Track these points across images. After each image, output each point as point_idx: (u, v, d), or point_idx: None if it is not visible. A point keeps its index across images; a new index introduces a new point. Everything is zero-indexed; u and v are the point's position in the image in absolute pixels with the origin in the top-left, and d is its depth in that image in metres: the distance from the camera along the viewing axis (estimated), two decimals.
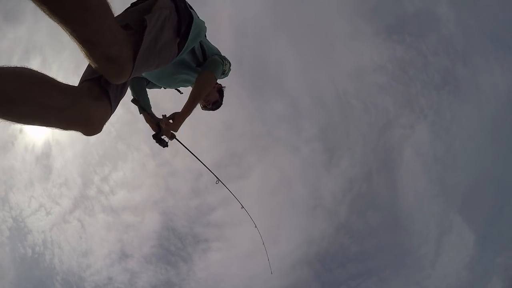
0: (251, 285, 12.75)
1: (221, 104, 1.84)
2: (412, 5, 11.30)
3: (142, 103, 1.58)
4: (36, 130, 11.31)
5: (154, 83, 1.61)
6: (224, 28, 11.48)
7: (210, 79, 1.42)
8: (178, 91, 1.68)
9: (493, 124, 11.66)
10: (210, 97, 1.75)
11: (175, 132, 1.46)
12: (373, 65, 11.85)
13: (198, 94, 1.41)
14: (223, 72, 1.49)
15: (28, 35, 11.38)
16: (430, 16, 11.33)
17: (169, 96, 1.63)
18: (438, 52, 11.65)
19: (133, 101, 1.57)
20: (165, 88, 1.68)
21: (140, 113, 1.62)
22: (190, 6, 1.22)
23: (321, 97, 12.51)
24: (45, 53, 11.53)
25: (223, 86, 1.81)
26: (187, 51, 1.27)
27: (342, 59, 12.20)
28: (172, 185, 12.88)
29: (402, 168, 12.30)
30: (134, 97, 1.58)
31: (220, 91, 1.80)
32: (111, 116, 0.97)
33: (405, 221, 12.26)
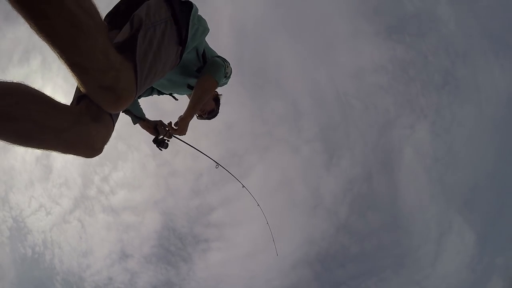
0: (251, 285, 12.76)
1: (218, 113, 1.74)
2: (412, 5, 11.31)
3: (135, 113, 1.53)
4: None
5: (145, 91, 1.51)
6: (224, 28, 11.49)
7: (212, 83, 1.33)
8: (173, 98, 1.59)
9: (493, 124, 11.66)
10: (206, 106, 1.66)
11: (184, 135, 1.44)
12: (373, 65, 11.86)
13: (199, 99, 1.32)
14: (225, 75, 1.40)
15: (28, 35, 11.36)
16: (430, 16, 11.34)
17: (168, 97, 1.60)
18: (438, 52, 11.66)
19: (126, 113, 1.52)
20: (159, 95, 1.59)
21: (135, 124, 1.55)
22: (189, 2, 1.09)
23: (321, 97, 12.52)
24: (45, 53, 11.52)
25: (220, 94, 1.72)
26: (187, 52, 1.18)
27: (342, 59, 12.21)
28: (172, 185, 12.89)
29: (402, 168, 12.31)
30: (127, 110, 1.50)
31: (217, 100, 1.70)
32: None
33: (405, 221, 12.26)
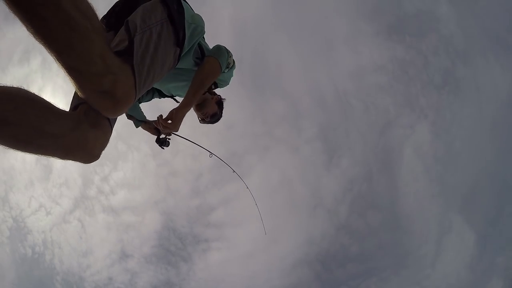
0: (251, 285, 12.76)
1: (220, 117, 1.68)
2: (412, 5, 11.31)
3: (137, 117, 1.53)
4: None
5: (145, 96, 1.51)
6: (224, 28, 11.49)
7: (216, 66, 1.22)
8: (175, 100, 1.55)
9: (493, 124, 11.66)
10: (208, 110, 1.60)
11: (176, 132, 1.29)
12: (373, 65, 11.86)
13: (201, 84, 1.19)
14: (228, 65, 1.31)
15: (28, 35, 11.34)
16: (430, 16, 11.34)
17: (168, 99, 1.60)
18: (438, 52, 11.66)
19: (128, 117, 1.53)
20: (160, 98, 1.56)
21: (137, 127, 1.56)
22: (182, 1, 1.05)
23: (321, 97, 12.52)
24: (45, 53, 11.45)
25: (223, 98, 1.66)
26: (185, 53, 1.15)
27: (342, 59, 12.20)
28: (173, 185, 12.89)
29: (402, 168, 12.31)
30: (128, 114, 1.50)
31: (220, 103, 1.63)
32: None
33: (405, 221, 12.26)
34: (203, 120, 1.66)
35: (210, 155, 1.92)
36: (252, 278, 12.64)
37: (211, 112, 1.62)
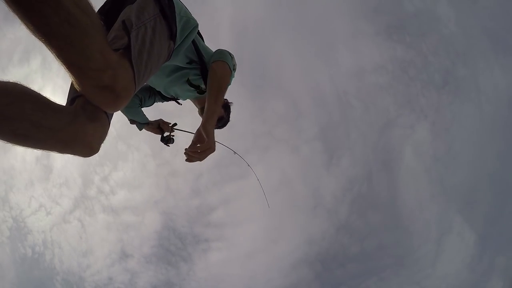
0: (252, 285, 12.76)
1: (228, 121, 1.63)
2: (412, 5, 11.29)
3: (140, 121, 1.53)
4: None
5: (147, 101, 1.50)
6: (224, 28, 11.49)
7: (226, 68, 1.18)
8: (177, 103, 1.53)
9: (493, 124, 11.65)
10: None
11: (215, 150, 1.15)
12: (374, 65, 11.85)
13: (219, 88, 1.14)
14: (234, 67, 1.28)
15: (28, 35, 11.32)
16: (430, 16, 11.33)
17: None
18: (438, 52, 11.64)
19: (132, 122, 1.54)
20: (163, 102, 1.55)
21: (141, 130, 1.56)
22: None
23: (321, 97, 12.51)
24: (45, 53, 11.51)
25: (230, 102, 1.63)
26: (179, 49, 1.14)
27: (342, 59, 12.19)
28: (173, 185, 12.88)
29: (402, 168, 12.30)
30: (130, 119, 1.51)
31: (226, 106, 1.58)
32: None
33: (405, 221, 12.26)
34: None
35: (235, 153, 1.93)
36: (252, 278, 12.65)
37: (218, 116, 1.56)
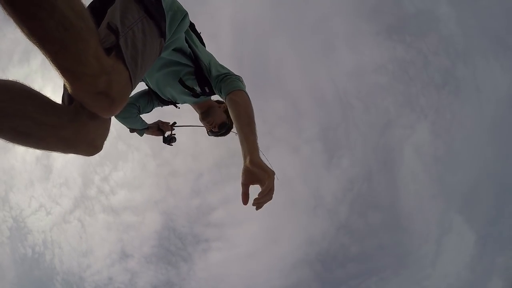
0: (252, 285, 12.77)
1: (231, 127, 1.57)
2: (412, 5, 11.30)
3: (140, 128, 1.53)
4: None
5: (146, 107, 1.48)
6: (224, 28, 11.49)
7: (246, 97, 1.11)
8: (175, 106, 1.49)
9: (493, 124, 11.65)
10: (215, 118, 1.50)
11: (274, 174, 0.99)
12: (374, 65, 11.85)
13: (247, 116, 1.04)
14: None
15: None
16: (430, 16, 11.34)
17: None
18: (438, 52, 11.65)
19: (131, 131, 1.53)
20: (162, 106, 1.52)
21: (141, 135, 1.56)
22: None
23: (321, 97, 12.51)
24: None
25: None
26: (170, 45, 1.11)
27: (342, 59, 12.19)
28: (173, 185, 12.89)
29: (402, 168, 12.30)
30: (130, 128, 1.51)
31: (228, 111, 1.43)
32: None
33: (405, 221, 12.26)
34: (211, 132, 1.56)
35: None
36: (252, 278, 12.65)
37: (219, 122, 1.52)
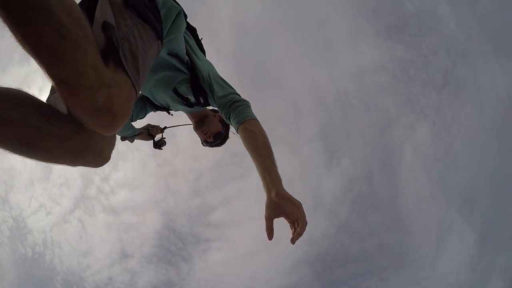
0: (252, 285, 12.77)
1: (227, 138, 1.56)
2: (412, 5, 11.31)
3: (131, 135, 1.54)
4: None
5: (139, 113, 1.49)
6: (224, 28, 11.49)
7: (259, 125, 1.12)
8: (168, 113, 1.47)
9: (493, 124, 11.65)
10: (210, 128, 1.48)
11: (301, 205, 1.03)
12: (374, 65, 11.85)
13: (265, 146, 1.06)
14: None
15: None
16: (430, 16, 11.34)
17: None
18: (438, 52, 11.65)
19: (123, 139, 1.56)
20: (155, 111, 1.50)
21: (132, 142, 1.58)
22: None
23: (321, 97, 12.51)
24: None
25: None
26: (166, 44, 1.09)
27: (342, 59, 12.19)
28: (173, 185, 12.88)
29: (402, 168, 12.30)
30: (122, 137, 1.53)
31: (223, 121, 1.45)
32: None
33: (405, 221, 12.25)
34: (206, 142, 1.52)
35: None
36: (252, 278, 12.65)
37: (214, 131, 1.50)
